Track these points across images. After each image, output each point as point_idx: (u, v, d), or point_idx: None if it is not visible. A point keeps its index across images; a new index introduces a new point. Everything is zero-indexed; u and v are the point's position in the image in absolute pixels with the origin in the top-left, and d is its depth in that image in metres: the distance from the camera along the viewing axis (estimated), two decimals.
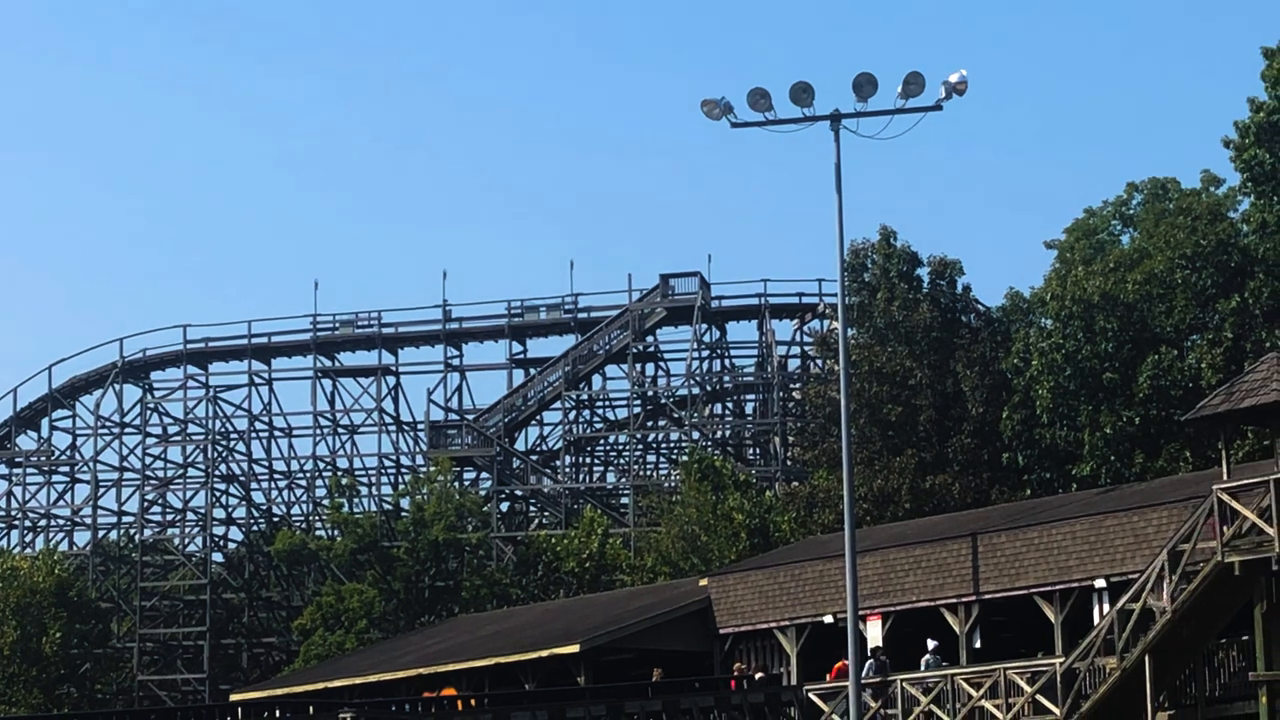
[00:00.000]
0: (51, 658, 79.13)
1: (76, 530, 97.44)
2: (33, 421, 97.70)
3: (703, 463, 75.96)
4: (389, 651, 62.59)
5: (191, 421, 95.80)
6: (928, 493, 66.76)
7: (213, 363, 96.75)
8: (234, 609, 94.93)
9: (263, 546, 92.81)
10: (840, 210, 43.81)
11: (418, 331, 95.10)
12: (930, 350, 69.99)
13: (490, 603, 78.02)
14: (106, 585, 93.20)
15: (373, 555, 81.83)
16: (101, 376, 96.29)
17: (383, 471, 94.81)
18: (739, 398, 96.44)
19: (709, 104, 43.27)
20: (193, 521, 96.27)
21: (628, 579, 75.02)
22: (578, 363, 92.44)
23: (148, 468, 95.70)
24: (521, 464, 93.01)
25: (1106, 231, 76.74)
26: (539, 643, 53.00)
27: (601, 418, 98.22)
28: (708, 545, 70.68)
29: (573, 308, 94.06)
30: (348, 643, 75.77)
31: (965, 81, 42.61)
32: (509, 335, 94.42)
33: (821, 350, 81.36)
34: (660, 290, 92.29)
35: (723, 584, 52.83)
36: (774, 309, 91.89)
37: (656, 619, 52.51)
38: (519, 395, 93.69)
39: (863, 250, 72.50)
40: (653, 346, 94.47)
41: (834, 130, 43.23)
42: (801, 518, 70.67)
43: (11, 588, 79.36)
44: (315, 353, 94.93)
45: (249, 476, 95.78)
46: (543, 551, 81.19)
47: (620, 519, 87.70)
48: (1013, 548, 46.76)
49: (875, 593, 48.42)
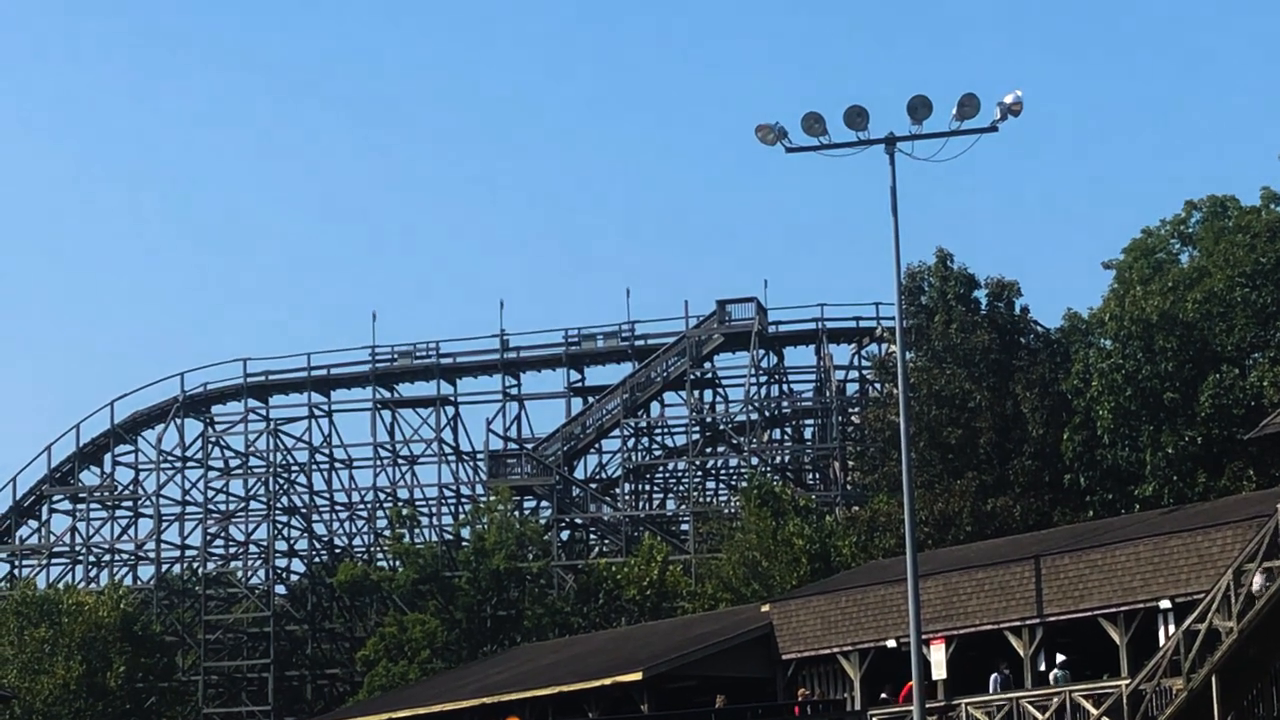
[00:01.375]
0: (117, 692, 79.46)
1: (140, 564, 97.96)
2: (96, 457, 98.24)
3: (762, 488, 75.84)
4: (452, 681, 62.64)
5: (253, 454, 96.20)
6: (989, 515, 66.49)
7: (273, 395, 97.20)
8: (297, 641, 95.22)
9: (325, 578, 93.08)
10: (896, 233, 43.71)
11: (476, 361, 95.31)
12: (989, 372, 69.75)
13: (552, 631, 78.05)
14: (171, 619, 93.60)
15: (434, 585, 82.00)
16: (163, 411, 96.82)
17: (443, 501, 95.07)
18: (798, 423, 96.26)
19: (764, 129, 43.19)
20: (255, 554, 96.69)
21: (689, 606, 74.92)
22: (636, 390, 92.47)
23: (210, 501, 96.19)
24: (581, 492, 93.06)
25: (1165, 250, 76.37)
26: (602, 671, 52.95)
27: (660, 445, 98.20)
28: (769, 571, 70.55)
29: (630, 335, 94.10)
30: (411, 673, 75.93)
31: (1020, 102, 42.46)
32: (566, 364, 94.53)
33: (880, 374, 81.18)
34: (717, 316, 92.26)
35: (785, 610, 52.71)
36: (831, 333, 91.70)
37: (719, 646, 52.41)
38: (577, 424, 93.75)
39: (919, 273, 72.35)
40: (710, 373, 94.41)
41: (889, 153, 43.09)
42: (862, 542, 70.46)
43: (77, 622, 79.73)
44: (374, 384, 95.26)
45: (310, 508, 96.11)
46: (603, 579, 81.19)
47: (680, 546, 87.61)
48: (1076, 569, 46.52)
49: (938, 616, 48.21)
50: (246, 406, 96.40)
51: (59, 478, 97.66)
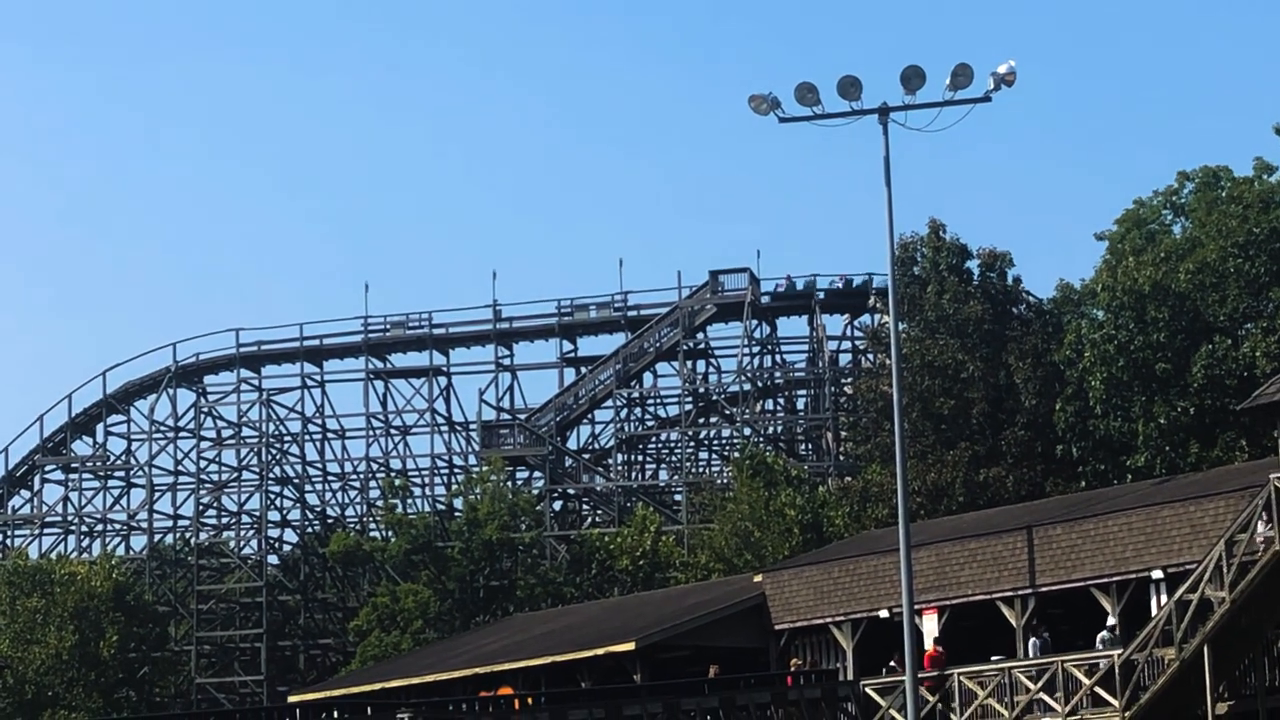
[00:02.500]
0: (110, 662, 79.50)
1: (133, 534, 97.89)
2: (88, 427, 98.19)
3: (755, 459, 75.94)
4: (445, 651, 62.71)
5: (245, 425, 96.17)
6: (982, 486, 66.59)
7: (265, 366, 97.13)
8: (290, 611, 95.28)
9: (317, 548, 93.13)
10: (890, 204, 43.75)
11: (469, 332, 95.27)
12: (982, 343, 69.80)
13: (545, 601, 78.13)
14: (163, 589, 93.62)
15: (427, 556, 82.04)
16: (155, 381, 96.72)
17: (435, 472, 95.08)
18: (790, 393, 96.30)
19: (756, 99, 43.21)
20: (248, 524, 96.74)
21: (681, 576, 75.01)
22: (628, 361, 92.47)
23: (202, 471, 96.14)
24: (574, 463, 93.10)
25: (1158, 221, 76.34)
26: (594, 641, 53.03)
27: (653, 415, 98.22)
28: (761, 541, 70.64)
29: (622, 306, 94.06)
30: (404, 643, 75.98)
31: (1014, 72, 42.51)
32: (559, 334, 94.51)
33: (873, 344, 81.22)
34: (710, 287, 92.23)
35: (777, 580, 52.79)
36: (824, 304, 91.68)
37: (711, 616, 52.49)
38: (570, 394, 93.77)
39: (912, 243, 72.40)
40: (703, 343, 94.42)
41: (882, 124, 43.14)
42: (855, 513, 70.57)
43: (69, 592, 79.72)
44: (367, 354, 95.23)
45: (303, 479, 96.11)
46: (596, 550, 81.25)
47: (673, 516, 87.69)
48: (1069, 540, 46.60)
49: (931, 586, 48.30)
50: (239, 377, 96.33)
51: (51, 447, 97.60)
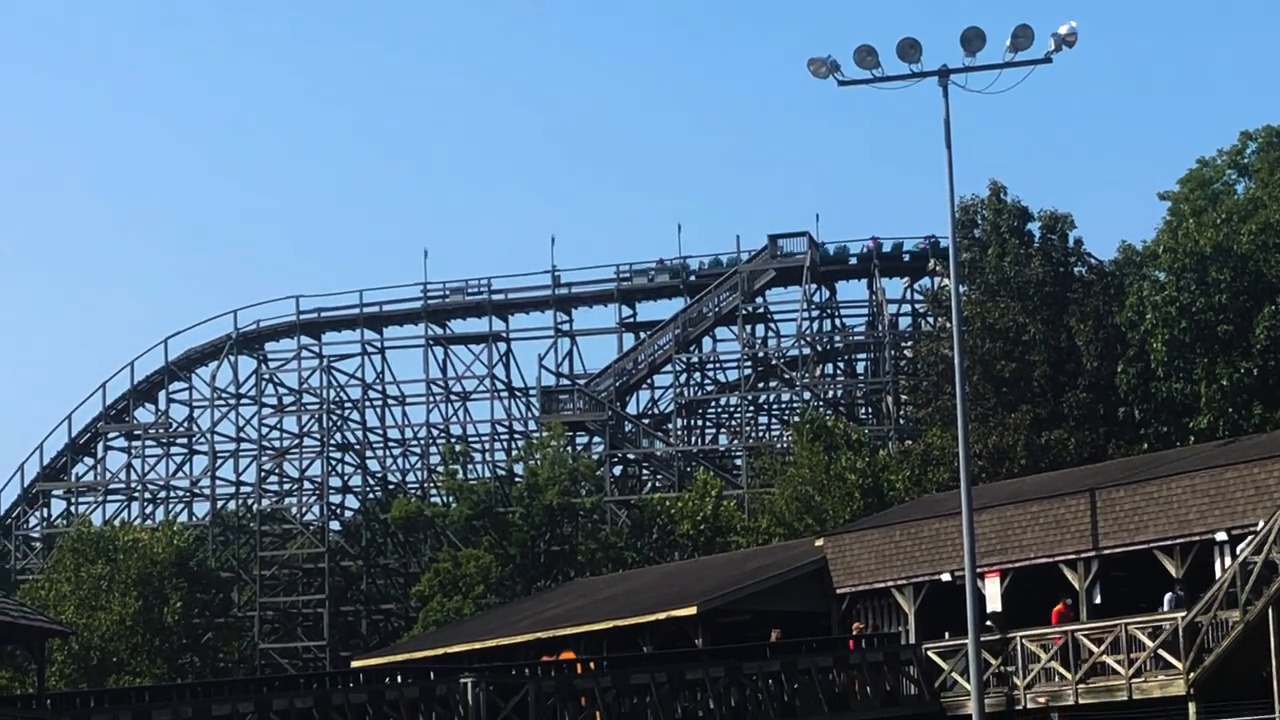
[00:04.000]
0: (174, 628, 79.98)
1: (196, 501, 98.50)
2: (150, 394, 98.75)
3: (815, 423, 75.87)
4: (507, 616, 62.87)
5: (306, 391, 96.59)
6: (1043, 448, 66.37)
7: (325, 333, 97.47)
8: (352, 576, 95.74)
9: (379, 514, 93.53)
10: (950, 166, 43.53)
11: (528, 297, 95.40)
12: (1043, 305, 69.51)
13: (605, 566, 78.31)
14: (226, 555, 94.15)
15: (488, 521, 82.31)
16: (217, 348, 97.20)
17: (496, 438, 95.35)
18: (850, 357, 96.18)
19: (816, 63, 43.03)
20: (309, 490, 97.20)
21: (742, 540, 75.06)
22: (687, 325, 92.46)
23: (264, 438, 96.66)
24: (633, 428, 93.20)
25: (1221, 181, 75.92)
26: (656, 605, 53.08)
27: (712, 380, 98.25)
28: (822, 506, 70.61)
29: (681, 270, 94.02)
30: (465, 608, 76.29)
31: (1075, 33, 42.21)
32: (618, 299, 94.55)
33: (933, 307, 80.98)
34: (769, 251, 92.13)
35: (839, 544, 52.73)
36: (884, 267, 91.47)
37: (773, 580, 52.46)
38: (629, 359, 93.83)
39: (973, 206, 72.10)
40: (762, 308, 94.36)
41: (942, 86, 42.91)
42: (916, 476, 70.44)
43: (133, 559, 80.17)
44: (426, 321, 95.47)
45: (364, 445, 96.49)
46: (657, 514, 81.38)
47: (733, 481, 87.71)
48: (1131, 502, 46.37)
49: (993, 550, 48.15)
50: (299, 343, 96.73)
51: (114, 415, 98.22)
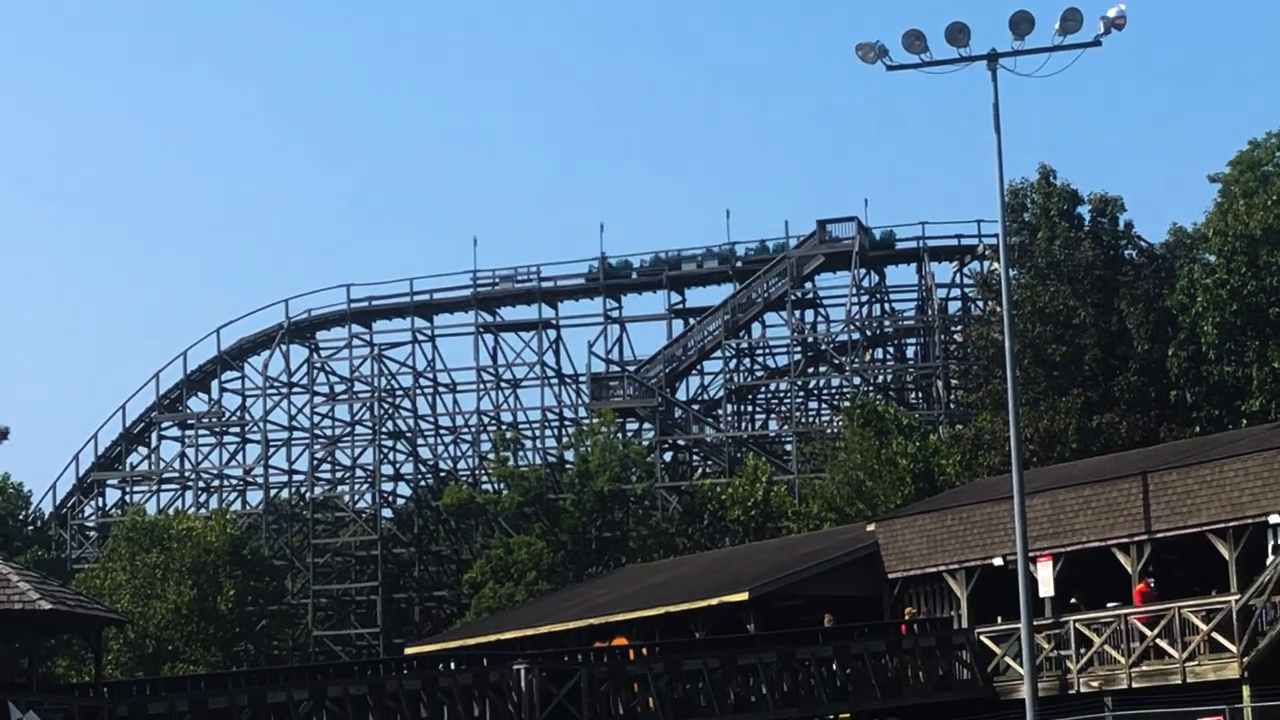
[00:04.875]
0: (228, 615, 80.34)
1: (249, 489, 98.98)
2: (203, 384, 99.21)
3: (865, 408, 75.82)
4: (559, 603, 63.05)
5: (357, 379, 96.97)
6: (1095, 432, 66.26)
7: (376, 321, 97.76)
8: (404, 564, 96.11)
9: (431, 501, 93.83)
10: (999, 150, 43.55)
11: (577, 284, 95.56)
12: (1093, 288, 69.38)
13: (657, 552, 78.40)
14: (279, 543, 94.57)
15: (539, 508, 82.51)
16: (268, 338, 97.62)
17: (546, 424, 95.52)
18: (900, 341, 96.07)
19: (864, 47, 43.09)
20: (362, 478, 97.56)
21: (793, 526, 75.07)
22: (736, 311, 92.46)
23: (316, 426, 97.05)
24: (683, 414, 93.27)
25: (1272, 163, 75.53)
26: (708, 591, 53.17)
27: (762, 365, 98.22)
28: (873, 490, 70.59)
29: (730, 256, 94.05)
30: (517, 595, 76.51)
31: (1124, 15, 42.17)
32: (667, 286, 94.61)
33: (983, 291, 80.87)
34: (818, 236, 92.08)
35: (890, 529, 52.75)
36: (933, 252, 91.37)
37: (824, 565, 52.51)
38: (679, 345, 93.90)
39: (1022, 190, 72.01)
40: (811, 293, 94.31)
41: (991, 70, 42.95)
42: (967, 460, 70.40)
43: (187, 548, 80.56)
44: (476, 308, 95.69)
45: (415, 432, 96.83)
46: (708, 500, 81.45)
47: (784, 466, 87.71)
48: (1184, 485, 46.28)
49: (1045, 534, 48.11)
50: (350, 332, 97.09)
51: (168, 404, 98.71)
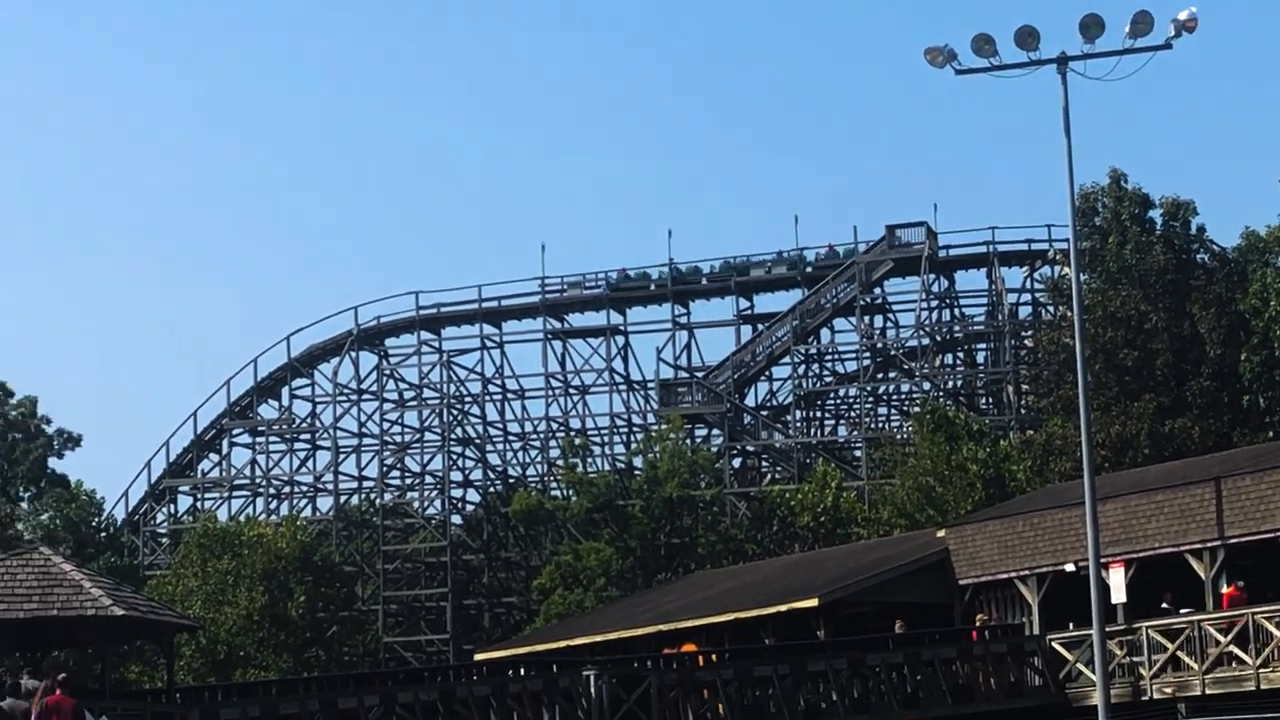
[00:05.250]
0: (298, 621, 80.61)
1: (319, 496, 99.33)
2: (273, 390, 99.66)
3: (935, 413, 75.54)
4: (628, 609, 63.02)
5: (426, 386, 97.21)
6: (1167, 437, 65.84)
7: (445, 328, 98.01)
8: (474, 570, 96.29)
9: (500, 508, 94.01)
10: (1069, 154, 43.33)
11: (645, 290, 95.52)
12: (1165, 293, 68.96)
13: (726, 559, 78.34)
14: (350, 549, 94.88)
15: (608, 514, 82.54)
16: (338, 345, 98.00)
17: (615, 430, 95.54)
18: (970, 347, 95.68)
19: (933, 52, 42.92)
20: (431, 485, 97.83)
21: (863, 532, 74.87)
22: (805, 317, 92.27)
23: (385, 433, 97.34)
24: (752, 420, 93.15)
25: None
26: (778, 597, 53.02)
27: (831, 371, 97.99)
28: (943, 496, 70.31)
29: (798, 262, 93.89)
30: (587, 601, 76.54)
31: (1194, 18, 41.88)
32: (736, 291, 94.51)
33: (1054, 296, 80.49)
34: (887, 241, 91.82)
35: (961, 535, 52.51)
36: (1003, 256, 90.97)
37: (895, 571, 52.30)
38: (747, 351, 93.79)
39: (1093, 194, 71.68)
40: (880, 298, 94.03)
41: (1061, 73, 42.73)
42: (1038, 466, 70.04)
43: (258, 554, 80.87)
44: (545, 315, 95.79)
45: (484, 439, 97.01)
46: (777, 506, 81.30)
47: (853, 472, 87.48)
48: (1258, 490, 45.91)
49: (1117, 540, 47.80)
50: (419, 339, 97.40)
51: (238, 411, 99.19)
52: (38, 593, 35.50)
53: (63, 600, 35.42)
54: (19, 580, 35.77)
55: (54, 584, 35.77)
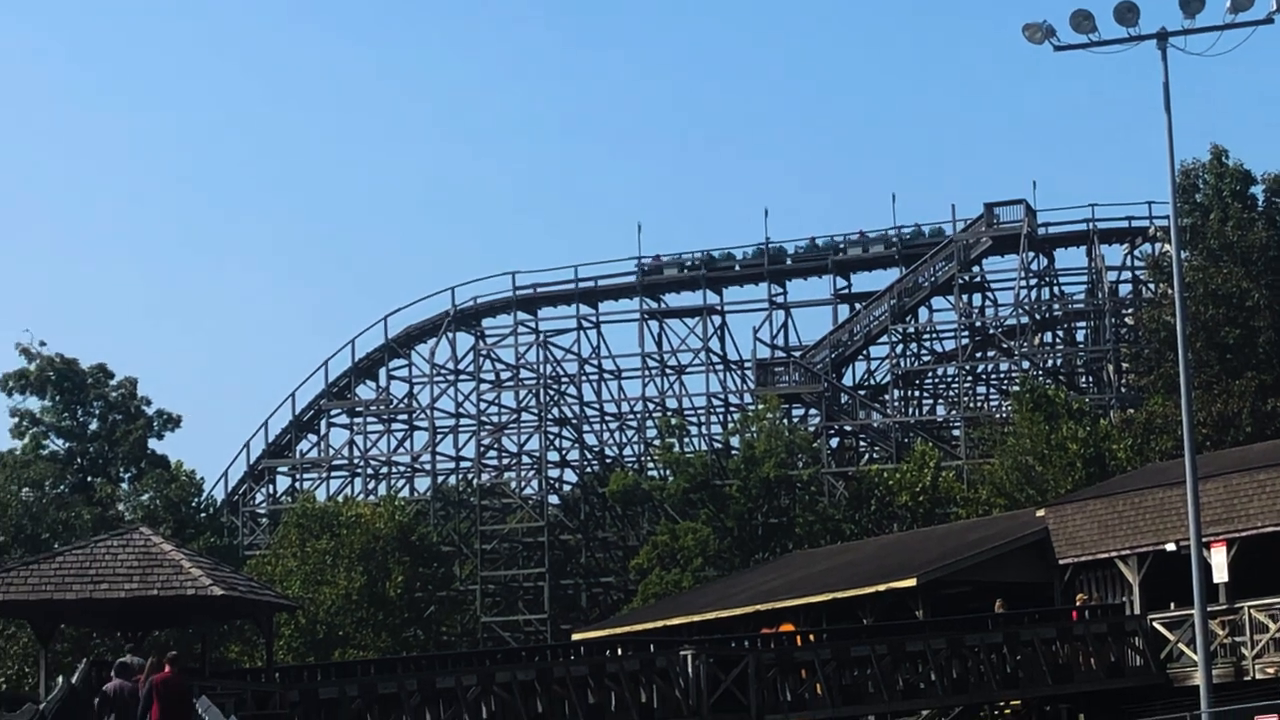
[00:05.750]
0: (396, 601, 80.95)
1: (416, 476, 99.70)
2: (371, 371, 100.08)
3: (1035, 392, 75.06)
4: (725, 589, 62.99)
5: (523, 366, 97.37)
6: (1269, 416, 65.22)
7: (541, 308, 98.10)
8: (571, 550, 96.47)
9: (597, 488, 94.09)
10: (1170, 130, 42.88)
11: (741, 270, 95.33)
12: (1267, 270, 68.27)
13: (824, 538, 78.17)
14: (447, 529, 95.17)
15: (705, 494, 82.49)
16: (435, 325, 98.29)
17: (711, 410, 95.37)
18: (1069, 325, 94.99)
19: (1031, 28, 42.60)
20: (528, 465, 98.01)
21: (962, 512, 74.53)
22: (903, 295, 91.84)
23: (482, 413, 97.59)
24: (849, 399, 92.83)
25: None
26: (875, 577, 52.87)
27: (929, 350, 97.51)
28: (1043, 476, 69.89)
29: (896, 240, 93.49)
30: (684, 581, 76.54)
31: None
32: (832, 270, 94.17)
33: (1154, 274, 79.80)
34: (985, 219, 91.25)
35: (1060, 514, 52.17)
36: (1103, 234, 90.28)
37: (994, 551, 52.05)
38: (844, 330, 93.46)
39: (1194, 170, 71.01)
40: (979, 277, 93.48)
41: (1161, 49, 42.31)
42: (1138, 445, 69.51)
43: (356, 534, 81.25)
44: (641, 295, 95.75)
45: (581, 419, 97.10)
46: (875, 486, 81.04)
47: (951, 452, 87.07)
48: None
49: (1218, 519, 47.35)
50: (516, 319, 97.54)
51: (336, 392, 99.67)
52: (138, 573, 35.83)
53: (163, 580, 35.74)
54: (120, 560, 36.11)
55: (154, 564, 36.09)
